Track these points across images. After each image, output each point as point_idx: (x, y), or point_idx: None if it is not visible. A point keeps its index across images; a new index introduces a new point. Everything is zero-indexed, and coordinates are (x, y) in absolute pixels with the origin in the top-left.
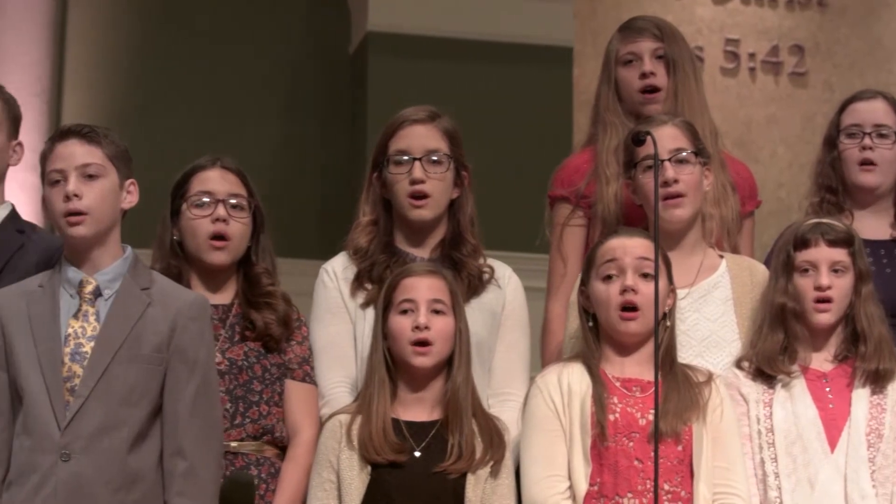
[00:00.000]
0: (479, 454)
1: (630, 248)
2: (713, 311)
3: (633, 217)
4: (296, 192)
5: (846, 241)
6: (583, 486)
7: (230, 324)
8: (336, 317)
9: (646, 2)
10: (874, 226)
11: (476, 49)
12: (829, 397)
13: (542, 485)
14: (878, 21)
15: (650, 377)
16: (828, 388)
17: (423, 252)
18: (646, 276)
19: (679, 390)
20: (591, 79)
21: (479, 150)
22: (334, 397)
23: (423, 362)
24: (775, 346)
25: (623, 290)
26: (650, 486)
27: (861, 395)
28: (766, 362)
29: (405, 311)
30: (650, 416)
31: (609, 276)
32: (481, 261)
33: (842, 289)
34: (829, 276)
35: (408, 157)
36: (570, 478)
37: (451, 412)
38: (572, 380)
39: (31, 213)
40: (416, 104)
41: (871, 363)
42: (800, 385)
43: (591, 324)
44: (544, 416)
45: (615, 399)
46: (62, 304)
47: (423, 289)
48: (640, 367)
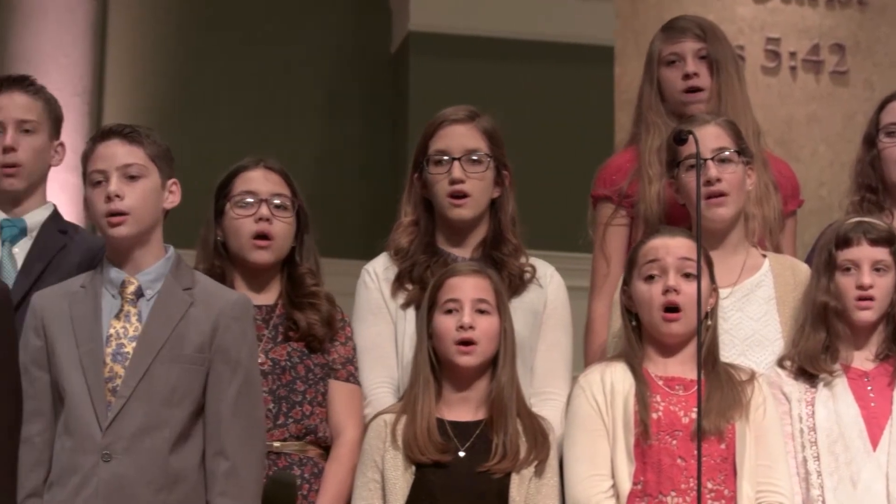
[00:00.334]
0: (523, 454)
1: (672, 248)
2: (756, 311)
3: (676, 216)
4: (338, 192)
5: (888, 239)
6: (626, 485)
7: (273, 324)
8: (377, 317)
9: (687, 1)
10: None
11: (518, 48)
12: (871, 396)
13: (585, 484)
14: None
15: (693, 376)
16: (869, 387)
17: (464, 252)
18: (688, 275)
19: (722, 389)
20: (632, 78)
21: (521, 149)
22: (376, 397)
23: (467, 361)
24: (817, 345)
25: (665, 291)
26: (693, 485)
27: None
28: (809, 361)
29: (450, 311)
30: (693, 415)
31: (651, 277)
32: (523, 260)
33: (883, 287)
34: (870, 275)
35: (447, 156)
36: (613, 476)
37: (495, 412)
38: (615, 379)
39: (72, 213)
40: (458, 104)
41: None
42: (841, 384)
43: (633, 323)
44: (587, 415)
45: (658, 398)
46: (104, 305)
47: (467, 288)
48: (682, 366)
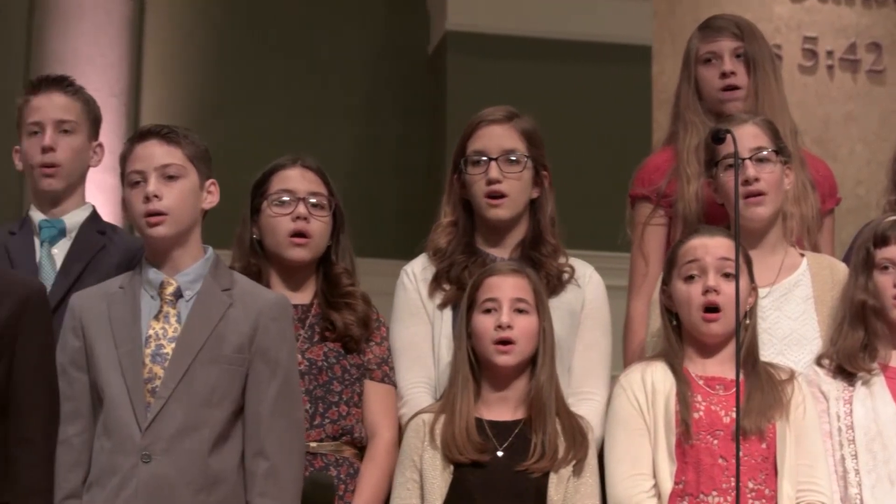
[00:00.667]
0: (561, 453)
1: (711, 248)
2: (794, 310)
3: (714, 216)
4: (375, 191)
5: None
6: (667, 485)
7: (309, 324)
8: (415, 318)
9: (724, 0)
10: None
11: (555, 48)
12: None
13: (626, 483)
14: None
15: (732, 375)
16: None
17: (502, 252)
18: (727, 275)
19: (762, 388)
20: (670, 77)
21: (559, 149)
22: (413, 397)
23: (505, 361)
24: (855, 344)
25: (705, 291)
26: (734, 484)
27: None
28: (847, 359)
29: (488, 311)
30: (734, 414)
31: (691, 277)
32: (562, 260)
33: None
34: None
35: (485, 157)
36: (654, 476)
37: (534, 411)
38: (656, 378)
39: (109, 214)
40: (495, 104)
41: None
42: (879, 382)
43: (674, 323)
44: (629, 414)
45: (699, 397)
46: (143, 306)
47: (506, 288)
48: (722, 365)
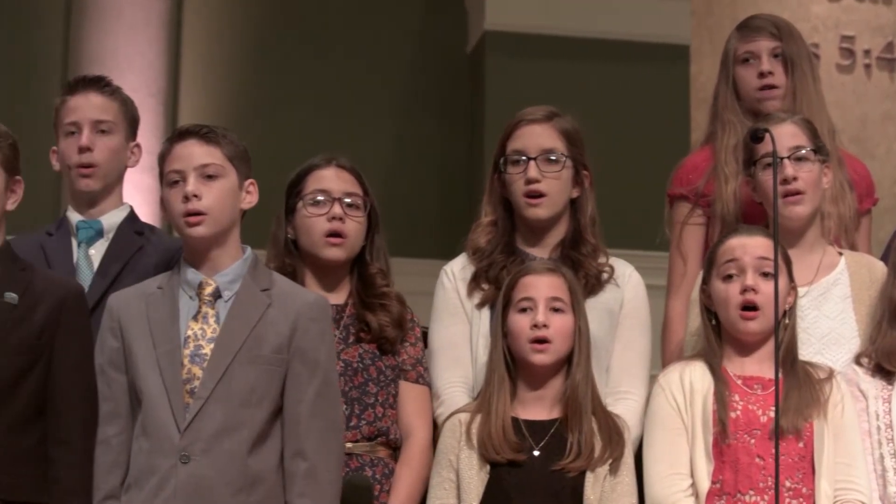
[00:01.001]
0: (597, 452)
1: (750, 247)
2: (833, 309)
3: (752, 215)
4: (414, 192)
5: None
6: (705, 484)
7: (344, 324)
8: (454, 317)
9: None
10: None
11: (594, 47)
12: None
13: (664, 482)
14: None
15: (771, 375)
16: None
17: (542, 252)
18: (766, 275)
19: (800, 387)
20: (708, 76)
21: (597, 148)
22: (450, 397)
23: (541, 360)
24: (894, 342)
25: (743, 290)
26: (771, 483)
27: None
28: (886, 358)
29: (524, 310)
30: (771, 414)
31: (729, 276)
32: (601, 260)
33: None
34: None
35: (524, 156)
36: (692, 475)
37: (570, 410)
38: (694, 378)
39: (147, 214)
40: (534, 103)
41: None
42: None
43: (713, 322)
44: (667, 414)
45: (736, 397)
46: (181, 306)
47: (541, 287)
48: (760, 364)
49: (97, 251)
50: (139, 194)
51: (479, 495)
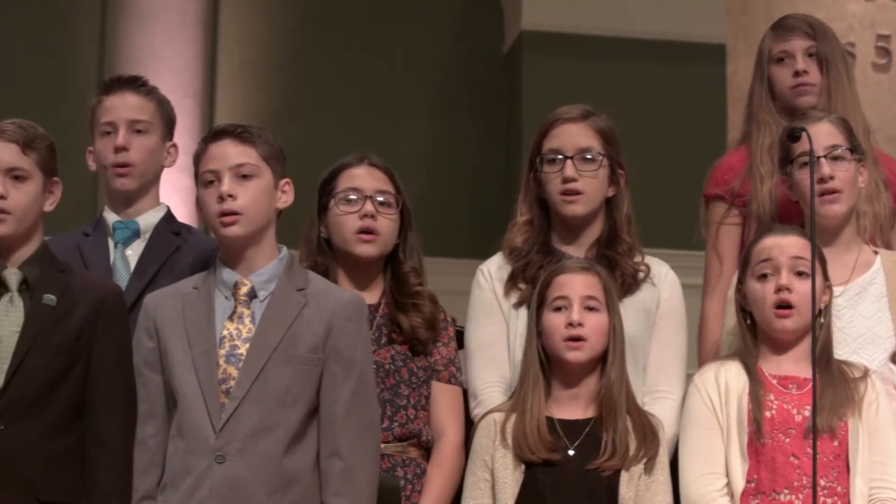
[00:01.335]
0: (632, 451)
1: (785, 246)
2: (868, 308)
3: (788, 214)
4: (450, 191)
5: None
6: (740, 483)
7: (377, 325)
8: (490, 317)
9: None
10: None
11: (629, 47)
12: None
13: (699, 482)
14: None
15: (806, 374)
16: None
17: (578, 251)
18: (800, 274)
19: (834, 386)
20: (743, 76)
21: (634, 147)
22: (488, 397)
23: (576, 357)
24: None
25: (778, 290)
26: (806, 482)
27: None
28: None
29: (559, 308)
30: (806, 413)
31: (764, 275)
32: (637, 259)
33: None
34: None
35: (560, 155)
36: (727, 475)
37: (605, 409)
38: (729, 377)
39: (184, 214)
40: (571, 103)
41: None
42: None
43: (748, 322)
44: (702, 414)
45: (771, 396)
46: (217, 306)
47: (576, 285)
48: (796, 364)
49: (134, 252)
50: (176, 194)
51: (514, 495)
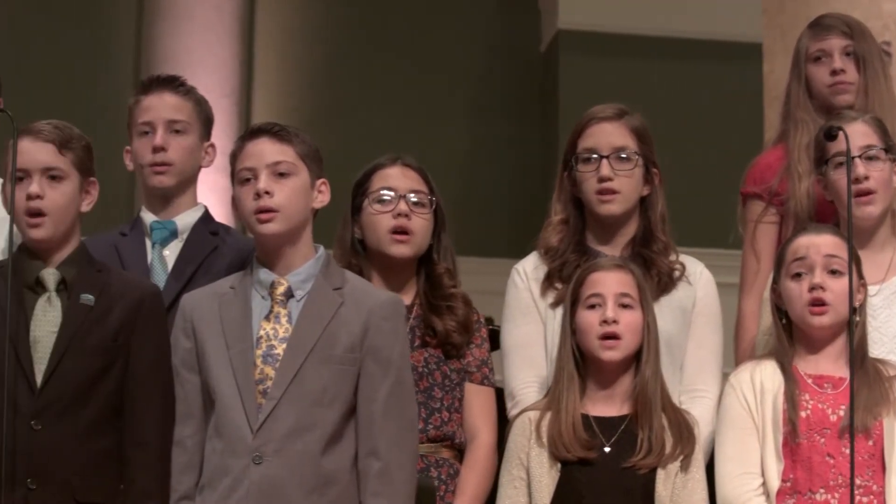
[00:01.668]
0: (668, 448)
1: (818, 245)
2: None
3: (826, 213)
4: (487, 191)
5: None
6: (775, 483)
7: (410, 326)
8: (527, 317)
9: None
10: None
11: (666, 46)
12: None
13: (735, 482)
14: None
15: (841, 373)
16: None
17: (613, 250)
18: (834, 272)
19: (869, 385)
20: (780, 74)
21: (671, 146)
22: (524, 398)
23: (611, 356)
24: None
25: (811, 288)
26: (842, 482)
27: None
28: None
29: (593, 306)
30: (841, 412)
31: (798, 274)
32: (672, 258)
33: None
34: None
35: (595, 154)
36: (763, 474)
37: (640, 406)
38: (765, 377)
39: (222, 215)
40: (607, 102)
41: None
42: None
43: (784, 321)
44: (738, 413)
45: (807, 396)
46: (254, 306)
47: (610, 283)
48: (831, 363)
49: (171, 252)
50: (213, 195)
51: (550, 493)
